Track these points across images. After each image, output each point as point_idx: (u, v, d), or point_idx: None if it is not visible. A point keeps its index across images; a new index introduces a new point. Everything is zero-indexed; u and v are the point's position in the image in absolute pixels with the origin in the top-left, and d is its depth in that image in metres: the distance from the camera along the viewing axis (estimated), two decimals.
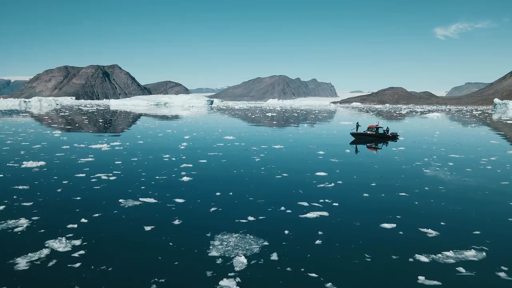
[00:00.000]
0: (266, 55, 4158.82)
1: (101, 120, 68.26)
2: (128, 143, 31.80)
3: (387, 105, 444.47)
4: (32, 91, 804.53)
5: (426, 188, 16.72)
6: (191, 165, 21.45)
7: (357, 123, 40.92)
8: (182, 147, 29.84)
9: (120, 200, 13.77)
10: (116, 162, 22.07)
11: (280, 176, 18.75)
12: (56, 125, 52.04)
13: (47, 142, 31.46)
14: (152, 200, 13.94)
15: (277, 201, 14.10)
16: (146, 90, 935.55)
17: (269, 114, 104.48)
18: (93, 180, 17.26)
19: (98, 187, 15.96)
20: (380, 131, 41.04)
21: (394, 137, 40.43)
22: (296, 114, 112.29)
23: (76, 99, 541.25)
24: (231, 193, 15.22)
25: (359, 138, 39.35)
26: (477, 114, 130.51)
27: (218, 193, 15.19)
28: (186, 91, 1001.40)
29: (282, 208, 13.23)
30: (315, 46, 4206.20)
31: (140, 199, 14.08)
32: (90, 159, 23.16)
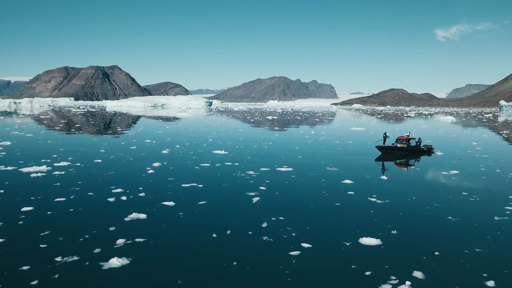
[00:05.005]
0: (267, 56, 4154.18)
1: (78, 125, 59.61)
2: (79, 163, 23.14)
3: (388, 106, 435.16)
4: (32, 92, 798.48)
5: None
6: (144, 216, 12.78)
7: (385, 133, 32.25)
8: (150, 171, 21.15)
9: None
10: (22, 209, 13.38)
11: (297, 253, 10.03)
12: (17, 132, 43.41)
13: None
14: None
15: None
16: (146, 91, 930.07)
17: (270, 117, 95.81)
18: None
19: None
20: (412, 143, 32.44)
21: (428, 150, 31.90)
22: (299, 117, 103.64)
23: (75, 99, 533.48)
24: None
25: (387, 153, 30.76)
26: (491, 117, 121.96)
27: None
28: (186, 92, 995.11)
29: None
30: (316, 47, 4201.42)
31: None
32: None
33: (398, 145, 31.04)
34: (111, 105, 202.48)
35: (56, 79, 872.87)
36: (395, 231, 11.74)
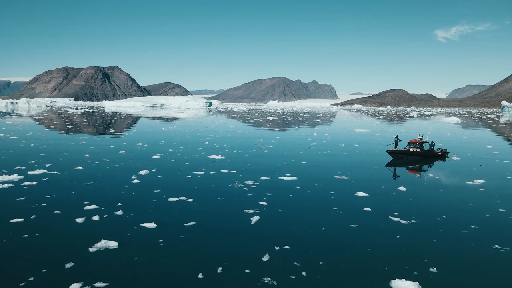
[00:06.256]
0: (267, 56, 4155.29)
1: (69, 126, 57.00)
2: (56, 171, 20.53)
3: (389, 107, 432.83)
4: (32, 92, 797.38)
5: None
6: (114, 245, 10.17)
7: (396, 136, 29.63)
8: (135, 180, 18.54)
9: None
10: None
11: None
12: (2, 134, 40.84)
13: None
14: None
15: None
16: (146, 91, 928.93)
17: (270, 118, 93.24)
18: None
19: None
20: (426, 146, 29.88)
21: (443, 155, 29.37)
22: (300, 118, 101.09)
23: (75, 100, 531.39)
24: None
25: (399, 158, 28.16)
26: (496, 118, 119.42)
27: None
28: (186, 92, 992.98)
29: None
30: (316, 48, 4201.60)
31: None
32: None
33: (411, 149, 28.46)
34: (109, 106, 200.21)
35: (56, 80, 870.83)
36: (435, 268, 9.11)
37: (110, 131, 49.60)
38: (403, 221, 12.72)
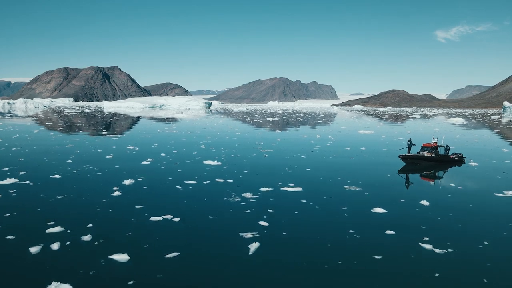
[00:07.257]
0: (267, 57, 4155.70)
1: (61, 128, 54.53)
2: (28, 181, 18.04)
3: (389, 107, 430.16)
4: (32, 93, 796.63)
5: None
6: None
7: (409, 140, 27.16)
8: (116, 193, 16.05)
9: None
10: None
11: None
12: None
13: None
14: None
15: None
16: (146, 91, 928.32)
17: (270, 119, 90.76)
18: None
19: None
20: (441, 151, 27.47)
21: (460, 160, 26.97)
22: (301, 119, 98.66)
23: (75, 100, 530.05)
24: None
25: (412, 163, 25.73)
26: (500, 119, 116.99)
27: None
28: (186, 93, 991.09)
29: None
30: (316, 48, 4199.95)
31: None
32: None
33: (425, 154, 26.02)
34: (108, 106, 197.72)
35: (56, 80, 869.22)
36: None
37: (102, 133, 47.11)
38: (437, 250, 10.24)
